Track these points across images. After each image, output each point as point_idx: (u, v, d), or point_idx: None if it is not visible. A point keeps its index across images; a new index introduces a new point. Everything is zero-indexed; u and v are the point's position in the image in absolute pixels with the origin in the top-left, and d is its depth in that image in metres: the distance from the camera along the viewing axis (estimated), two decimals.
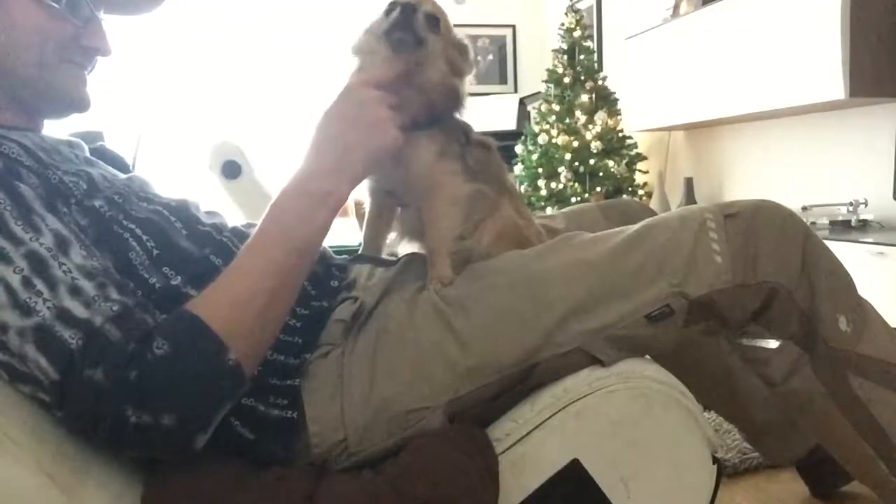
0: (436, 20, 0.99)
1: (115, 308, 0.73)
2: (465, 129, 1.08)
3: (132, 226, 0.86)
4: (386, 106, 0.88)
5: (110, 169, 0.97)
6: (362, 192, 1.14)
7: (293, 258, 0.81)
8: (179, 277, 0.86)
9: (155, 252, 0.86)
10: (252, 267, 0.80)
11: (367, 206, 1.14)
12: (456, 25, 1.06)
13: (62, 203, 0.80)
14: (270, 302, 0.79)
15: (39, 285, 0.71)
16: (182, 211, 0.95)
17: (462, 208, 1.03)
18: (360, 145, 0.86)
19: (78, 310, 0.71)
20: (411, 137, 0.98)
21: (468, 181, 1.04)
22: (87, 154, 0.98)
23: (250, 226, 1.08)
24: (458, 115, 1.07)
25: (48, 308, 0.70)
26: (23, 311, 0.70)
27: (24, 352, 0.70)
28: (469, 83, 1.08)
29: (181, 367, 0.72)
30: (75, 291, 0.72)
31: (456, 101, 1.05)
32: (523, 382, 0.91)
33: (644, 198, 3.88)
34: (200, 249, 0.91)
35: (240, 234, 0.98)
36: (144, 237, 0.86)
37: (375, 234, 1.15)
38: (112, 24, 0.97)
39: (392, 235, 1.16)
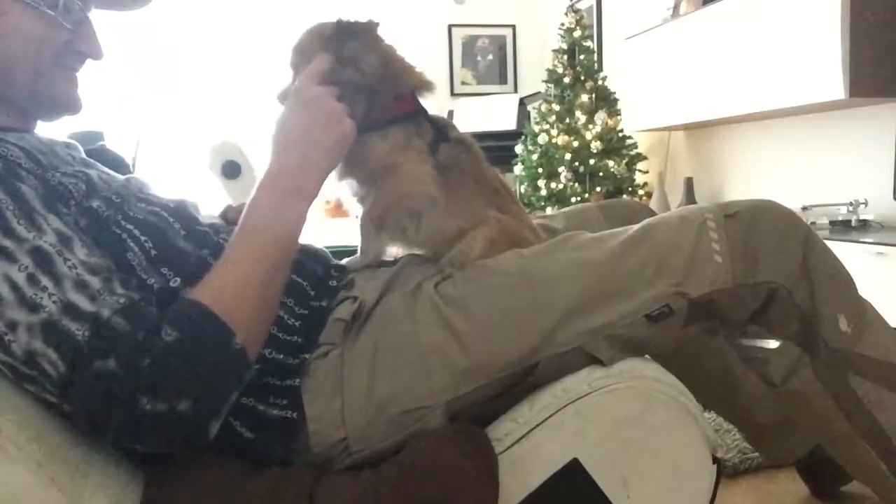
0: (295, 68, 1.04)
1: (121, 301, 0.74)
2: (441, 125, 1.07)
3: (130, 226, 0.87)
4: (333, 98, 0.93)
5: (107, 170, 0.97)
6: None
7: (276, 248, 0.85)
8: (177, 278, 0.86)
9: (153, 252, 0.86)
10: (242, 258, 0.83)
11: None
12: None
13: (62, 205, 0.81)
14: (263, 289, 0.82)
15: (45, 281, 0.72)
16: (180, 211, 0.95)
17: (425, 185, 1.02)
18: (320, 141, 0.90)
19: (84, 303, 0.72)
20: (365, 138, 0.99)
21: (430, 165, 1.03)
22: (84, 155, 0.98)
23: None
24: (425, 110, 1.07)
25: (54, 303, 0.71)
26: (30, 308, 0.71)
27: (34, 348, 0.71)
28: (390, 52, 1.05)
29: (191, 352, 0.73)
30: (81, 286, 0.73)
31: (394, 83, 1.03)
32: (523, 382, 0.91)
33: (644, 198, 3.88)
34: (198, 250, 0.91)
35: None
36: (142, 238, 0.87)
37: None
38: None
39: None
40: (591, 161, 3.74)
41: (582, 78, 3.89)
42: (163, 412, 0.71)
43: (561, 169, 3.77)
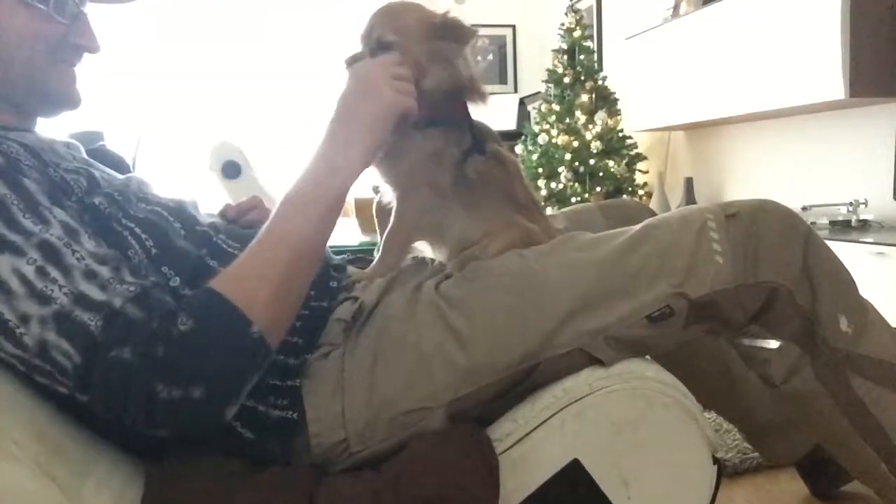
0: (386, 44, 1.01)
1: (132, 289, 0.74)
2: (481, 136, 1.07)
3: (131, 224, 0.87)
4: (384, 68, 0.92)
5: (107, 170, 0.97)
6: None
7: (310, 227, 0.83)
8: (177, 277, 0.87)
9: (154, 251, 0.87)
10: (271, 239, 0.81)
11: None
12: None
13: (65, 198, 0.81)
14: (287, 274, 0.80)
15: (54, 273, 0.72)
16: (180, 211, 0.95)
17: (423, 217, 1.05)
18: (359, 114, 0.89)
19: (95, 293, 0.72)
20: (406, 134, 0.98)
21: (444, 194, 1.04)
22: (84, 155, 0.98)
23: (247, 226, 1.08)
24: (470, 117, 1.07)
25: (65, 294, 0.71)
26: (41, 300, 0.71)
27: (47, 340, 0.71)
28: (469, 59, 1.05)
29: (206, 341, 0.73)
30: (90, 276, 0.73)
31: (456, 92, 1.03)
32: (524, 383, 0.91)
33: (644, 198, 3.88)
34: (198, 250, 0.91)
35: (235, 235, 0.98)
36: (143, 236, 0.87)
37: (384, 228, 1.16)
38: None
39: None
40: (591, 161, 3.75)
41: (582, 78, 3.89)
42: (178, 398, 0.71)
43: (561, 169, 3.77)
